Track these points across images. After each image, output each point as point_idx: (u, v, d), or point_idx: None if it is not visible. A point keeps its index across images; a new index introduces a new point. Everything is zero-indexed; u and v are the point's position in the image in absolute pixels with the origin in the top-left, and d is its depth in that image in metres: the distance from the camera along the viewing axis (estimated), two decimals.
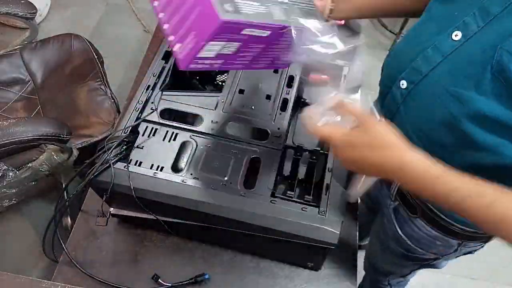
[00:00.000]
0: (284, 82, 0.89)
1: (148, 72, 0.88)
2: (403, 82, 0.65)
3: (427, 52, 0.61)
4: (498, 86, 0.51)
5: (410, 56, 0.64)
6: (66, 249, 0.86)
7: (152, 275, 0.85)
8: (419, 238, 0.82)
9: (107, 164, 0.74)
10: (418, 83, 0.63)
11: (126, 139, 0.78)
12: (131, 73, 2.14)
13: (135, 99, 0.84)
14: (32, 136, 1.09)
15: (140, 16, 2.42)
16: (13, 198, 1.35)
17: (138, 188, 0.73)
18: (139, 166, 0.76)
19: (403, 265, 0.98)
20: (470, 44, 0.56)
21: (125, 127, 0.80)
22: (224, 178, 0.75)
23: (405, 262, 0.95)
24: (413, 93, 0.64)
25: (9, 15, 1.38)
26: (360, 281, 1.42)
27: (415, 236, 0.82)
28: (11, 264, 1.59)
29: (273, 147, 0.79)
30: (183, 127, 0.82)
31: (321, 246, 0.71)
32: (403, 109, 0.67)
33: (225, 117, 0.83)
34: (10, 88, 1.46)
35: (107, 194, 0.74)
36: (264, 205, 0.71)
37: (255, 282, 0.87)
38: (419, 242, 0.83)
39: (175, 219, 0.80)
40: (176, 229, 0.88)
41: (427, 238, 0.80)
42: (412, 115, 0.66)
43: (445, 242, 0.80)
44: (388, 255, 0.97)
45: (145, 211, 0.77)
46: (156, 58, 0.91)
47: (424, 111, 0.64)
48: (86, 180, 0.73)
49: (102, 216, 0.82)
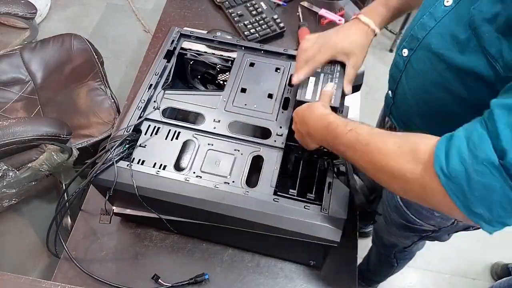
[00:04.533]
0: (286, 81, 0.89)
1: (150, 71, 0.89)
2: (405, 50, 0.72)
3: (423, 19, 0.67)
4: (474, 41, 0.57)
5: (412, 25, 0.71)
6: (67, 248, 0.86)
7: (152, 275, 0.85)
8: (418, 208, 0.86)
9: (110, 162, 0.74)
10: (415, 50, 0.70)
11: (129, 137, 0.78)
12: (131, 73, 2.15)
13: (137, 97, 0.84)
14: (32, 136, 1.09)
15: (140, 16, 2.42)
16: (13, 198, 1.35)
17: (141, 186, 0.73)
18: (142, 165, 0.76)
19: (404, 236, 1.03)
20: (458, 8, 0.62)
21: (128, 126, 0.80)
22: (227, 177, 0.75)
23: (406, 233, 0.99)
24: (412, 59, 0.71)
25: (9, 15, 1.38)
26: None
27: (415, 207, 0.87)
28: (11, 264, 1.59)
29: (275, 146, 0.79)
30: (185, 126, 0.82)
31: (323, 244, 0.71)
32: (404, 77, 0.74)
33: (227, 116, 0.83)
34: (10, 88, 1.46)
35: (111, 193, 0.74)
36: (266, 203, 0.71)
37: (255, 282, 0.87)
38: (418, 213, 0.87)
39: (178, 218, 0.80)
40: (179, 228, 0.88)
41: (427, 209, 0.84)
42: (411, 81, 0.73)
43: (443, 214, 0.82)
44: (391, 227, 1.03)
45: (148, 210, 0.77)
46: (158, 57, 0.91)
47: (420, 76, 0.70)
48: (88, 179, 0.74)
49: (105, 214, 0.81)
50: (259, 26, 1.25)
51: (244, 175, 0.75)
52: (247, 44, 0.95)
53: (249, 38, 1.22)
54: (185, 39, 0.96)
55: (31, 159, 1.25)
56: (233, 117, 0.83)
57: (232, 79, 0.89)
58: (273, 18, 1.27)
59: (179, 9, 1.34)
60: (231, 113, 0.84)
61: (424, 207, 0.84)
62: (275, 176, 0.75)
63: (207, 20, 1.31)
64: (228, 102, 0.85)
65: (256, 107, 0.85)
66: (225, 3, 1.31)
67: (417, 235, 0.99)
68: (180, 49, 0.94)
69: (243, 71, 0.90)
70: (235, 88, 0.88)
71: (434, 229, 0.91)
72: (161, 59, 0.91)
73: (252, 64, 0.92)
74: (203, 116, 0.83)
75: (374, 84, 2.10)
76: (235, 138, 0.80)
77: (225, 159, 0.77)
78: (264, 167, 0.77)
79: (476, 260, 1.74)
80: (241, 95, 0.87)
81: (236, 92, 0.87)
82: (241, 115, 0.84)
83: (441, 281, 1.69)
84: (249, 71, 0.91)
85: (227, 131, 0.81)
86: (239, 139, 0.80)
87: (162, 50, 0.92)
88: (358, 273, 0.90)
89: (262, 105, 0.85)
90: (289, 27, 1.27)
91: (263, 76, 0.90)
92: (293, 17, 1.32)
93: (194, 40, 0.96)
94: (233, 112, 0.84)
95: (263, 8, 1.29)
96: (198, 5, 1.35)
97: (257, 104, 0.85)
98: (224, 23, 1.30)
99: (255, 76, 0.90)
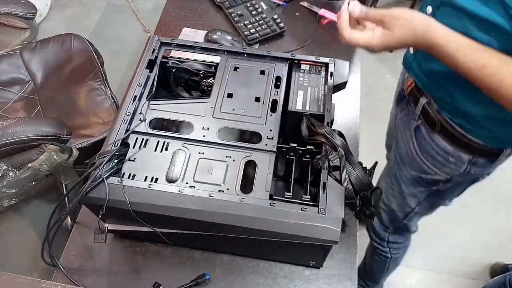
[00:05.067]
0: (272, 83, 0.89)
1: (133, 83, 0.87)
2: (429, 7, 0.79)
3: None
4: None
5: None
6: (61, 265, 0.85)
7: (153, 284, 0.84)
8: (434, 155, 0.92)
9: (99, 179, 0.71)
10: (439, 6, 0.76)
11: (117, 152, 0.75)
12: (131, 73, 2.15)
13: (122, 110, 0.82)
14: (32, 136, 1.09)
15: (140, 16, 2.42)
16: (13, 198, 1.35)
17: (134, 202, 0.71)
18: (133, 179, 0.74)
19: (412, 194, 1.06)
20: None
21: (115, 140, 0.77)
22: (221, 185, 0.74)
23: (415, 189, 1.03)
24: (436, 15, 0.76)
25: (9, 15, 1.38)
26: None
27: (431, 153, 0.92)
28: (11, 264, 1.59)
29: (267, 149, 0.79)
30: (174, 136, 0.80)
31: (323, 244, 0.71)
32: None
33: (216, 122, 0.82)
34: (10, 88, 1.47)
35: (103, 211, 0.72)
36: (263, 209, 0.70)
37: (255, 282, 0.87)
38: (434, 159, 0.93)
39: (174, 230, 0.79)
40: (176, 240, 0.87)
41: (442, 154, 0.91)
42: None
43: (457, 159, 0.89)
44: (396, 187, 1.08)
45: (143, 225, 0.75)
46: (140, 68, 0.89)
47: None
48: (78, 198, 0.71)
49: (99, 233, 0.79)
50: (259, 26, 1.25)
51: (238, 181, 0.74)
52: (229, 49, 0.94)
53: (249, 38, 1.23)
54: (166, 47, 0.95)
55: (31, 159, 1.25)
56: (222, 124, 0.82)
57: (218, 85, 0.88)
58: (273, 18, 1.27)
59: (179, 9, 1.34)
60: (220, 119, 0.83)
61: (440, 153, 0.90)
62: (269, 180, 0.74)
63: (207, 20, 1.31)
64: (215, 109, 0.84)
65: (244, 112, 0.84)
66: (225, 3, 1.31)
67: (426, 190, 1.02)
68: (162, 57, 0.93)
69: (228, 76, 0.90)
70: (222, 94, 0.87)
71: (446, 178, 0.95)
72: (143, 69, 0.89)
73: (236, 68, 0.91)
74: (191, 124, 0.82)
75: (374, 84, 2.11)
76: (225, 144, 0.79)
77: (217, 167, 0.76)
78: (258, 171, 0.76)
79: (476, 260, 1.74)
80: (228, 101, 0.86)
81: (223, 98, 0.86)
82: (230, 120, 0.83)
83: (441, 281, 1.69)
84: (234, 76, 0.90)
85: (217, 138, 0.80)
86: (230, 145, 0.79)
87: (144, 60, 0.90)
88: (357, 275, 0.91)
89: (250, 109, 0.85)
90: (289, 27, 1.27)
91: (249, 79, 0.89)
92: (293, 17, 1.32)
93: (175, 47, 0.95)
94: (222, 118, 0.83)
95: (263, 8, 1.29)
96: (198, 5, 1.35)
97: (245, 108, 0.85)
98: (224, 23, 1.30)
99: (241, 80, 0.89)
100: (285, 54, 0.94)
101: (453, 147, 0.88)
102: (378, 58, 2.27)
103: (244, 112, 0.84)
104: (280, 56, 0.93)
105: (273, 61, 0.93)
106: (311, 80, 0.89)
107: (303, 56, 0.93)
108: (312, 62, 0.92)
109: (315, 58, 0.92)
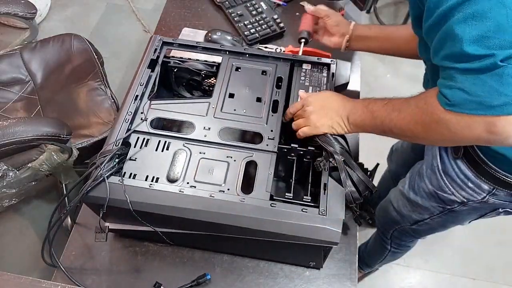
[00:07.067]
0: (273, 83, 0.89)
1: (135, 82, 0.87)
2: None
3: None
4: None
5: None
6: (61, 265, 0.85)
7: (154, 284, 0.85)
8: (453, 176, 0.90)
9: (100, 178, 0.71)
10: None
11: (118, 152, 0.76)
12: (131, 73, 2.14)
13: (124, 110, 0.82)
14: (32, 136, 1.09)
15: (140, 16, 2.42)
16: (13, 198, 1.35)
17: (135, 201, 0.71)
18: (134, 179, 0.74)
19: (425, 207, 1.03)
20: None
21: (116, 140, 0.78)
22: (222, 185, 0.74)
23: (430, 203, 1.01)
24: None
25: (9, 15, 1.38)
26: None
27: (451, 174, 0.91)
28: (11, 264, 1.59)
29: (268, 150, 0.79)
30: (175, 136, 0.80)
31: (323, 245, 0.70)
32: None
33: (217, 122, 0.83)
34: (10, 88, 1.46)
35: (104, 210, 0.72)
36: (264, 209, 0.70)
37: (255, 282, 0.87)
38: (453, 180, 0.91)
39: (174, 230, 0.79)
40: (177, 240, 0.87)
41: (462, 177, 0.89)
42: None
43: (476, 186, 0.87)
44: (412, 196, 1.05)
45: (143, 224, 0.75)
46: (141, 67, 0.89)
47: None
48: (79, 197, 0.71)
49: (100, 232, 0.79)
50: (259, 26, 1.25)
51: (239, 182, 0.75)
52: (231, 49, 0.94)
53: (249, 38, 1.22)
54: (167, 47, 0.95)
55: (31, 159, 1.24)
56: (223, 124, 0.82)
57: (219, 85, 0.88)
58: (273, 18, 1.27)
59: (179, 9, 1.34)
60: (221, 119, 0.83)
61: (460, 176, 0.89)
62: (270, 180, 0.75)
63: (207, 20, 1.31)
64: (217, 109, 0.85)
65: (245, 112, 0.84)
66: (225, 3, 1.31)
67: (440, 207, 1.00)
68: (164, 57, 0.93)
69: (230, 76, 0.90)
70: (223, 94, 0.87)
71: (462, 201, 0.92)
72: (145, 69, 0.89)
73: (238, 69, 0.91)
74: (193, 124, 0.82)
75: (374, 84, 2.11)
76: (227, 144, 0.79)
77: (218, 167, 0.76)
78: (258, 172, 0.76)
79: (476, 260, 1.74)
80: (229, 101, 0.86)
81: (224, 98, 0.86)
82: (231, 121, 0.83)
83: (441, 281, 1.69)
84: (236, 76, 0.90)
85: (218, 138, 0.80)
86: (231, 146, 0.79)
87: (145, 59, 0.91)
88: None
89: (252, 109, 0.85)
90: (289, 27, 1.27)
91: (250, 80, 0.89)
92: (293, 17, 1.32)
93: (177, 47, 0.95)
94: (223, 118, 0.83)
95: (263, 8, 1.29)
96: (198, 5, 1.35)
97: (246, 108, 0.85)
98: (224, 23, 1.30)
99: (242, 80, 0.89)
100: (287, 54, 0.94)
101: (474, 174, 0.86)
102: (378, 58, 2.27)
103: (245, 112, 0.84)
104: (282, 56, 0.93)
105: (274, 61, 0.93)
106: (313, 80, 0.89)
107: (305, 56, 0.93)
108: (314, 63, 0.92)
109: (316, 59, 0.92)
